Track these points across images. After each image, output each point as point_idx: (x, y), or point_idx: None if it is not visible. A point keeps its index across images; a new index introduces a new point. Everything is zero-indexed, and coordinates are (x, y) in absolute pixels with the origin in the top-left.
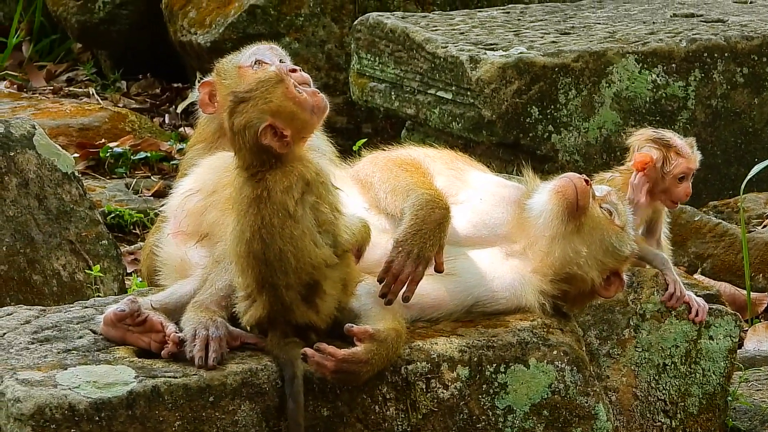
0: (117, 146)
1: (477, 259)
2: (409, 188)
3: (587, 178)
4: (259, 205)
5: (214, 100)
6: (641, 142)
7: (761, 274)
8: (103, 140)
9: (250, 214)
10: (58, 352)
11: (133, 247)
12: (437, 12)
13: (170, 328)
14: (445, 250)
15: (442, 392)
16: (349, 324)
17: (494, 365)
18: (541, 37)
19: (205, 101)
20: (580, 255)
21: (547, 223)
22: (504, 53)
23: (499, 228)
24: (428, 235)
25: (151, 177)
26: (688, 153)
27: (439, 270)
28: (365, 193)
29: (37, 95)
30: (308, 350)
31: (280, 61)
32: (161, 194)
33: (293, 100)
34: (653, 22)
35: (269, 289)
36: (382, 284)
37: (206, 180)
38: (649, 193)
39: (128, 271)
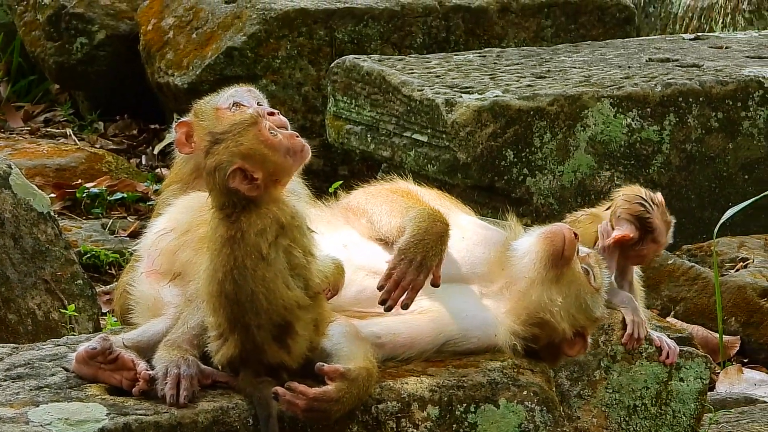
0: (93, 187)
1: (451, 298)
2: (408, 206)
3: (576, 232)
4: (232, 245)
5: (191, 141)
6: (625, 212)
7: (734, 318)
8: (79, 180)
9: (223, 254)
10: (31, 390)
11: (108, 287)
12: (414, 55)
13: (141, 365)
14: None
15: (413, 431)
16: (320, 363)
17: (464, 405)
18: (517, 81)
19: (181, 141)
20: (554, 303)
21: (531, 264)
22: (479, 96)
23: (478, 267)
24: (430, 245)
25: (128, 218)
26: (663, 241)
27: (435, 284)
28: (356, 221)
29: (15, 135)
30: (279, 389)
31: (258, 103)
32: (137, 235)
33: (265, 143)
34: (629, 67)
35: (241, 329)
36: (383, 291)
37: (180, 219)
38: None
39: (103, 311)
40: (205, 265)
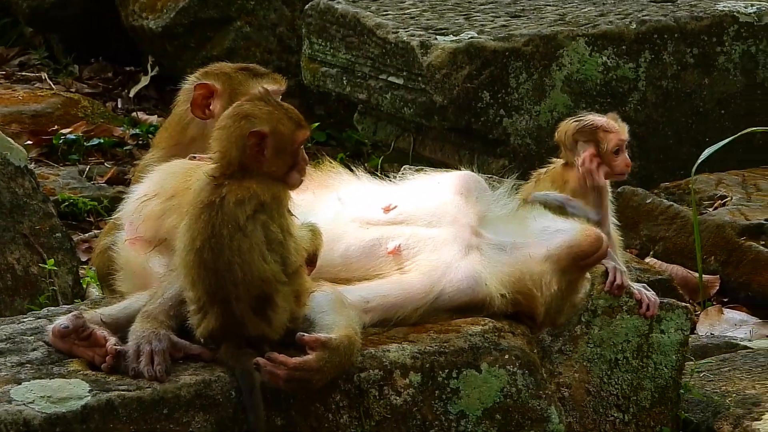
0: (70, 133)
1: (441, 250)
2: None
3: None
4: (210, 212)
5: (207, 104)
6: (570, 138)
7: (713, 257)
8: (56, 126)
9: (201, 220)
10: (12, 366)
11: (87, 235)
12: None
13: (111, 341)
14: (415, 229)
15: (395, 399)
16: (300, 333)
17: (446, 371)
18: (492, 21)
19: (198, 103)
20: (549, 288)
21: (559, 242)
22: (455, 38)
23: (491, 214)
24: None
25: (105, 163)
26: (614, 127)
27: None
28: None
29: None
30: (260, 360)
31: None
32: (115, 181)
33: (293, 143)
34: (603, 4)
35: (220, 301)
36: None
37: (164, 185)
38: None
39: (82, 260)
40: (182, 232)
